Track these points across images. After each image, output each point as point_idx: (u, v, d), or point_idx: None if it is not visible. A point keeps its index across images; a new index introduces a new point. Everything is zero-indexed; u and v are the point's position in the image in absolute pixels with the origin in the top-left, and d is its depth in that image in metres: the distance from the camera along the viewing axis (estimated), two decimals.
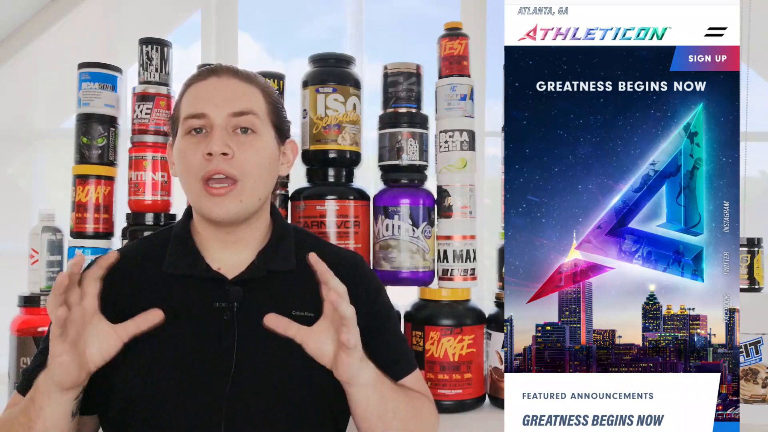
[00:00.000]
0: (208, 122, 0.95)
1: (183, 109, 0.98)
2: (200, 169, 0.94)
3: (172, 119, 1.02)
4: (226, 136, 0.94)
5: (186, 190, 0.98)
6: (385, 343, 1.04)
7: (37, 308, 1.41)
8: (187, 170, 0.95)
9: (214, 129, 0.94)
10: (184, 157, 0.96)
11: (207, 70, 1.00)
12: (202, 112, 0.95)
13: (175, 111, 1.01)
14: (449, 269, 1.44)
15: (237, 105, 0.96)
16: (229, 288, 0.96)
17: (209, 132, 0.95)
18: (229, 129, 0.95)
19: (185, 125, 0.96)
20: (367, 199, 1.48)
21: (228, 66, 1.01)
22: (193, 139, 0.96)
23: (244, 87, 0.99)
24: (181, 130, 0.97)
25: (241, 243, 1.00)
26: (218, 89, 0.97)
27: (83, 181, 1.45)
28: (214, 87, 0.97)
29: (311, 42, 2.50)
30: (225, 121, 0.95)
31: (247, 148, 0.96)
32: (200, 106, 0.95)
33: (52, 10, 2.15)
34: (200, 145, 0.94)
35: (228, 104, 0.95)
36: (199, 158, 0.94)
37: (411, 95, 1.48)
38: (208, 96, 0.96)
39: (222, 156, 0.93)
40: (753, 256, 1.51)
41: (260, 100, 0.99)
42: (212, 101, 0.95)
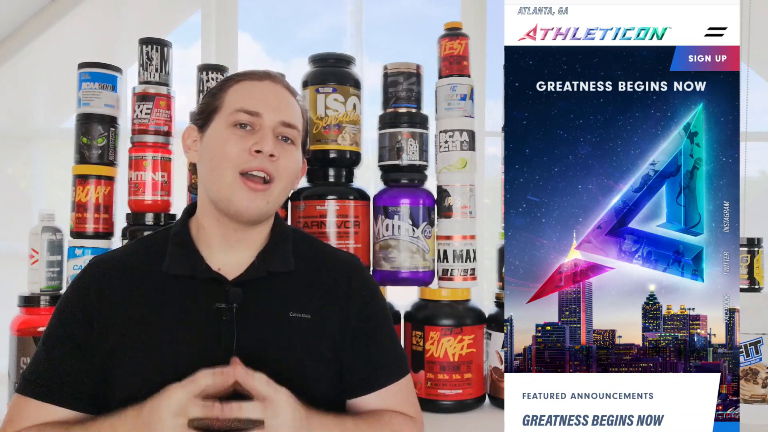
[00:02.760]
0: (259, 122, 0.97)
1: (233, 101, 0.98)
2: (242, 161, 0.95)
3: (206, 105, 1.02)
4: (274, 139, 0.97)
5: (212, 180, 0.97)
6: (373, 348, 1.03)
7: (37, 308, 1.40)
8: (224, 159, 0.96)
9: (264, 130, 0.97)
10: (223, 146, 0.96)
11: (262, 72, 1.03)
12: (257, 110, 0.97)
13: (215, 99, 1.01)
14: (449, 269, 1.44)
15: (289, 116, 0.99)
16: (229, 289, 0.96)
17: (256, 131, 0.97)
18: (275, 133, 0.98)
19: (233, 117, 0.97)
20: (367, 199, 1.48)
21: (280, 74, 1.05)
22: (237, 132, 0.96)
23: (292, 100, 1.03)
24: (226, 120, 0.97)
25: (244, 243, 1.01)
26: (274, 94, 1.00)
27: (83, 181, 1.45)
28: (270, 91, 1.00)
29: (311, 42, 2.51)
30: (275, 125, 0.98)
31: (288, 155, 0.99)
32: (256, 105, 0.97)
33: (52, 10, 2.16)
34: (246, 139, 0.96)
35: (282, 112, 0.99)
36: (240, 151, 0.95)
37: (411, 95, 1.48)
38: (264, 97, 0.98)
39: (269, 157, 0.96)
40: (753, 256, 1.51)
41: (300, 117, 1.03)
42: (269, 104, 0.98)
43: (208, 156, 0.98)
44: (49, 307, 1.40)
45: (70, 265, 1.45)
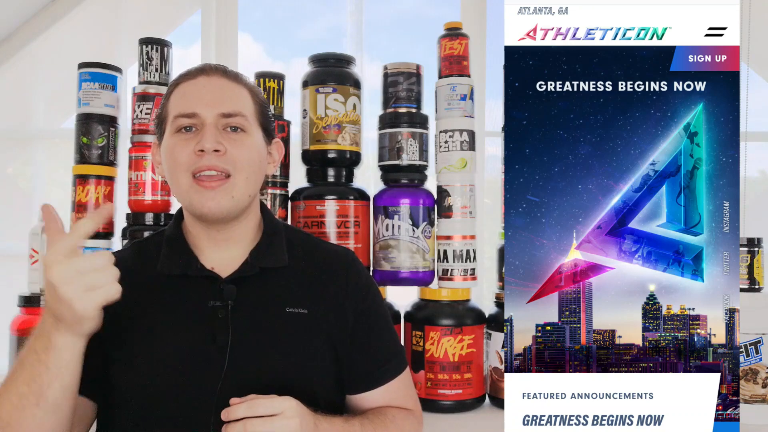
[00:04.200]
0: (199, 121, 0.95)
1: (172, 108, 0.98)
2: (190, 164, 0.94)
3: (158, 118, 1.02)
4: (217, 134, 0.95)
5: (175, 188, 0.98)
6: (372, 344, 1.04)
7: (37, 308, 1.40)
8: (176, 166, 0.95)
9: (205, 127, 0.95)
10: (172, 153, 0.95)
11: (196, 69, 1.00)
12: (193, 111, 0.95)
13: (163, 110, 1.00)
14: (449, 269, 1.44)
15: (227, 106, 0.96)
16: (223, 287, 0.96)
17: (199, 130, 0.95)
18: (219, 127, 0.96)
19: (175, 124, 0.96)
20: (367, 199, 1.48)
21: (216, 65, 1.01)
22: (182, 137, 0.95)
23: (233, 87, 0.99)
24: (170, 128, 0.97)
25: (232, 241, 1.01)
26: (208, 89, 0.97)
27: (83, 181, 1.45)
28: (203, 86, 0.97)
29: (311, 42, 2.50)
30: (215, 120, 0.95)
31: (239, 145, 0.96)
32: (191, 105, 0.95)
33: (52, 10, 2.15)
34: (190, 142, 0.94)
35: (218, 104, 0.96)
36: (188, 154, 0.94)
37: (411, 95, 1.48)
38: (198, 95, 0.96)
39: (214, 153, 0.93)
40: (753, 256, 1.51)
41: (248, 101, 1.00)
42: (203, 101, 0.96)
43: (165, 167, 0.99)
44: None
45: None
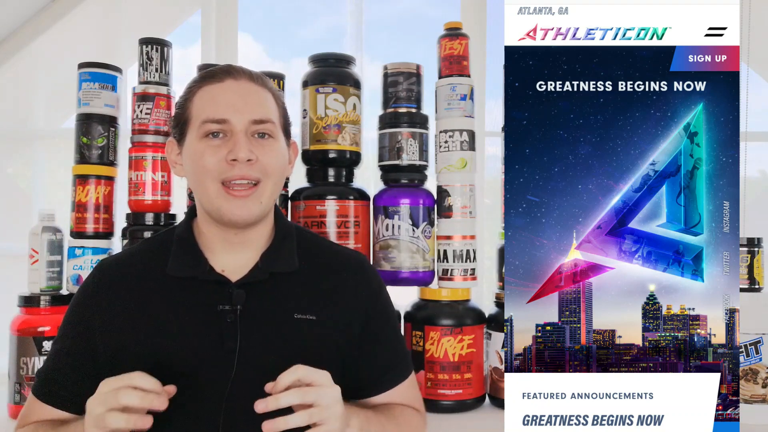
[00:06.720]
0: (229, 128, 0.94)
1: (199, 112, 0.95)
2: (221, 172, 0.93)
3: (177, 118, 0.99)
4: (248, 142, 0.93)
5: (200, 193, 0.96)
6: (381, 349, 1.04)
7: (37, 308, 1.40)
8: (204, 173, 0.94)
9: (236, 135, 0.93)
10: (201, 159, 0.94)
11: (221, 70, 0.98)
12: (224, 117, 0.93)
13: (184, 110, 0.97)
14: (449, 269, 1.44)
15: (258, 112, 0.95)
16: (233, 291, 0.96)
17: (229, 137, 0.94)
18: (248, 134, 0.94)
19: (203, 129, 0.94)
20: (367, 199, 1.48)
21: (241, 68, 0.99)
22: (211, 143, 0.94)
23: (260, 92, 0.97)
24: (197, 132, 0.95)
25: (246, 244, 1.00)
26: (239, 94, 0.95)
27: (83, 181, 1.45)
28: (234, 91, 0.95)
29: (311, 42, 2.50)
30: (246, 127, 0.94)
31: (268, 151, 0.95)
32: (221, 111, 0.93)
33: (52, 10, 2.15)
34: (220, 149, 0.93)
35: (249, 111, 0.94)
36: (218, 162, 0.93)
37: (411, 95, 1.48)
38: (228, 101, 0.94)
39: (247, 162, 0.93)
40: (753, 256, 1.51)
41: (274, 106, 0.99)
42: (233, 107, 0.94)
43: (190, 170, 0.97)
44: (49, 307, 1.40)
45: (70, 265, 1.45)
